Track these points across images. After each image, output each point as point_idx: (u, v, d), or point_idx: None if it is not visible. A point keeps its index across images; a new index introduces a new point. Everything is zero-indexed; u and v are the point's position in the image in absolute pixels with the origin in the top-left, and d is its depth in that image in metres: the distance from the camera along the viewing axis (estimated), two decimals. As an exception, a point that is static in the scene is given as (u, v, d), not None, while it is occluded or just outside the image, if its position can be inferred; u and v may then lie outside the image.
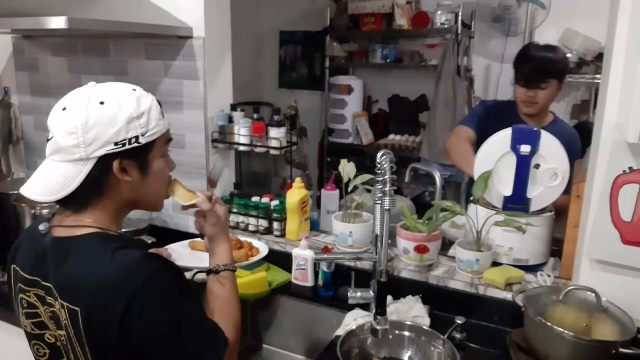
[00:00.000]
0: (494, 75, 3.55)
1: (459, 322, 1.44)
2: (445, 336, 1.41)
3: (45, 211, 1.94)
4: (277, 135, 1.90)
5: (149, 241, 1.86)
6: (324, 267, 1.69)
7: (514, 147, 1.59)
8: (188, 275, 1.20)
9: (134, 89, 1.00)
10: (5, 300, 1.72)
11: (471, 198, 1.70)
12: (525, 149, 1.57)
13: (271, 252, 1.65)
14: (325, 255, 1.44)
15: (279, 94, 4.29)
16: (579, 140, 2.05)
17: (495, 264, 1.62)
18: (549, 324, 1.24)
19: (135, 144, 0.97)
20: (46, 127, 0.97)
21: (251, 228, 1.96)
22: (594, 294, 1.31)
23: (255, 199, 1.97)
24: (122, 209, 1.04)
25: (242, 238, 1.63)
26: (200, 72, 1.91)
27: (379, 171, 1.27)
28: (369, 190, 1.92)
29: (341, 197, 1.82)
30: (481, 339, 1.47)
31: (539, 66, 2.00)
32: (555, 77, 2.00)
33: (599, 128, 1.38)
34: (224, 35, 2.01)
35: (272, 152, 1.92)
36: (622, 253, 1.34)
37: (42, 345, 1.05)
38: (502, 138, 1.63)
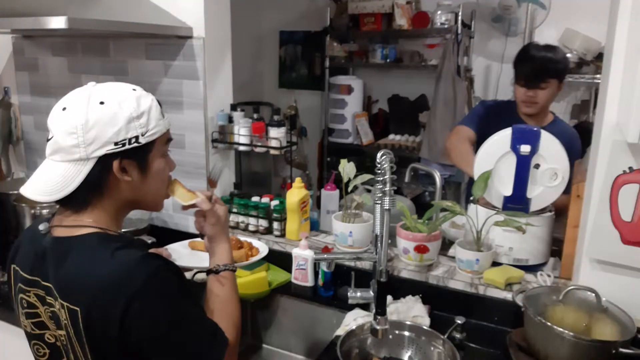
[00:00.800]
0: (494, 75, 3.55)
1: (459, 322, 1.44)
2: (445, 336, 1.41)
3: (45, 211, 1.94)
4: (277, 135, 1.90)
5: (149, 241, 1.86)
6: (324, 267, 1.69)
7: (514, 147, 1.59)
8: (188, 275, 1.20)
9: (134, 89, 1.00)
10: (5, 300, 1.72)
11: (471, 198, 1.70)
12: (525, 149, 1.57)
13: (271, 252, 1.65)
14: (325, 255, 1.44)
15: (279, 94, 4.28)
16: (579, 140, 2.05)
17: (495, 264, 1.62)
18: (549, 324, 1.24)
19: (135, 144, 0.97)
20: (46, 127, 0.97)
21: (251, 228, 1.96)
22: (594, 294, 1.31)
23: (255, 199, 1.97)
24: (122, 209, 1.04)
25: (242, 238, 1.63)
26: (200, 72, 1.91)
27: (379, 171, 1.27)
28: (369, 190, 1.92)
29: (341, 197, 1.82)
30: (481, 339, 1.47)
31: (539, 66, 2.00)
32: (555, 77, 2.00)
33: (599, 128, 1.38)
34: (224, 35, 2.01)
35: (272, 152, 1.92)
36: (622, 253, 1.34)
37: (42, 345, 1.05)
38: (502, 138, 1.63)
